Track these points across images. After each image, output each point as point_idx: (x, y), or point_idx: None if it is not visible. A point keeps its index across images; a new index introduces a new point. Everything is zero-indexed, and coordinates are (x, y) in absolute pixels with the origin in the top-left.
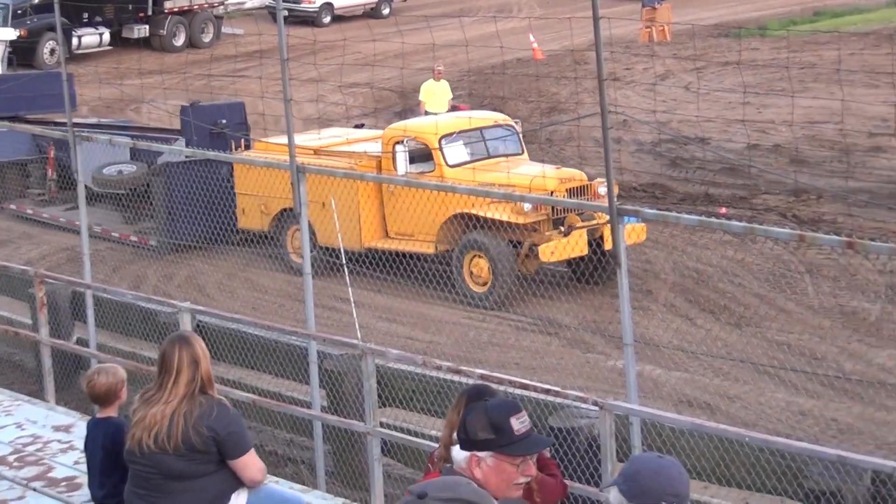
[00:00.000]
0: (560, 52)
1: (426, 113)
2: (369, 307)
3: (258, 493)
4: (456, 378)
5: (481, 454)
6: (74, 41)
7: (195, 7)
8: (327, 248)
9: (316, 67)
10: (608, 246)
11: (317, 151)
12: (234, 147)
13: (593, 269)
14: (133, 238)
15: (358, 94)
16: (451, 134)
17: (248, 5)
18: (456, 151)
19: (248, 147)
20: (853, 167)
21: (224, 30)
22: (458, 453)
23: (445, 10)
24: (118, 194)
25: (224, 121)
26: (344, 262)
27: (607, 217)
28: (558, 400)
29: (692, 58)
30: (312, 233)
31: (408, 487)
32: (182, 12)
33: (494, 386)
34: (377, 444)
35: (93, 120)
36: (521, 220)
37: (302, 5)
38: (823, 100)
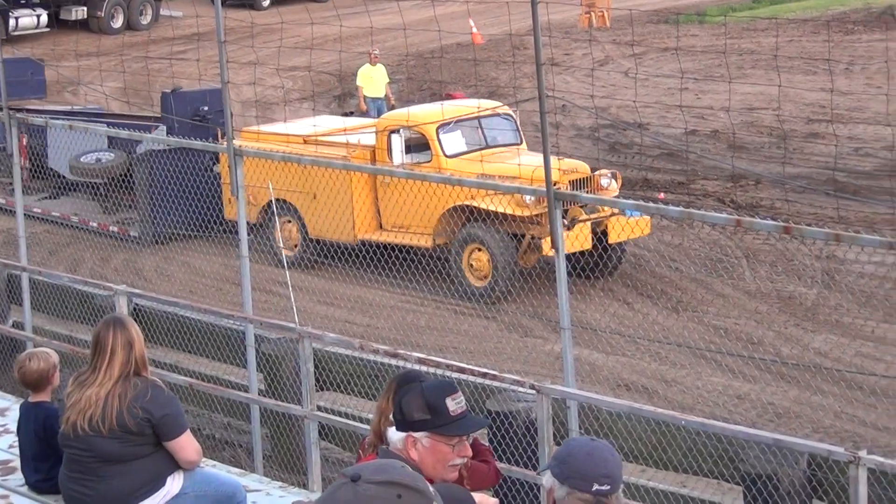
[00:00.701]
0: (500, 36)
1: (365, 98)
2: (307, 291)
3: (194, 477)
4: (393, 362)
5: (417, 435)
6: (11, 22)
7: None
8: (318, 241)
9: (254, 50)
10: (613, 238)
11: (307, 140)
12: (219, 135)
13: (595, 263)
14: (113, 228)
15: (297, 78)
16: (448, 123)
17: None
18: (453, 141)
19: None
20: (791, 153)
21: (162, 12)
22: (393, 434)
23: None
24: (95, 183)
25: (206, 108)
26: (282, 245)
27: (611, 210)
28: (496, 384)
29: (631, 43)
30: (303, 225)
31: (341, 470)
32: None
33: (432, 370)
34: (314, 428)
35: (65, 107)
36: (523, 213)
37: None
38: (762, 86)
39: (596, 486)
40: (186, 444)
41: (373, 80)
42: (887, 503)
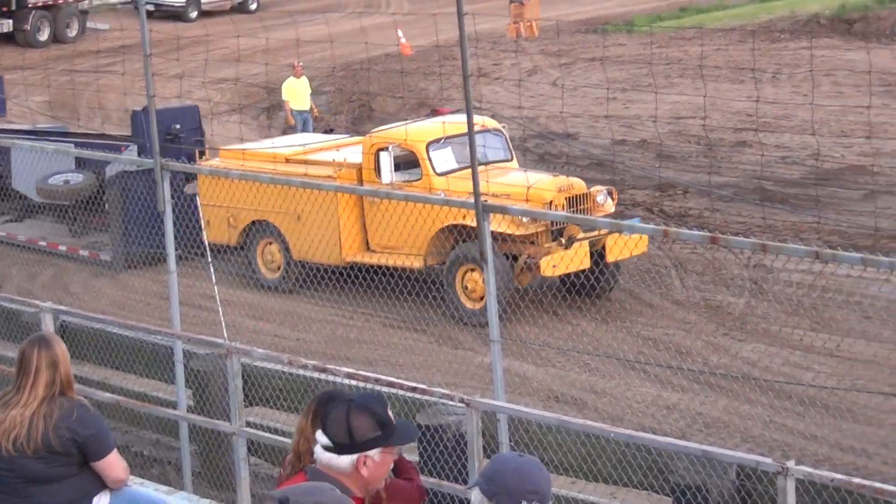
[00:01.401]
0: (428, 47)
1: (291, 111)
2: (237, 305)
3: (121, 496)
4: (322, 376)
5: (370, 453)
6: None
7: (60, 2)
8: (303, 263)
9: (181, 63)
10: (611, 258)
11: (289, 159)
12: (197, 155)
13: (593, 283)
14: (83, 252)
15: (225, 90)
16: (438, 140)
17: (113, 0)
18: (444, 158)
19: (202, 155)
20: (718, 162)
21: (89, 25)
22: (337, 460)
23: (312, 5)
24: (63, 206)
25: (178, 126)
26: (209, 259)
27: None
28: (425, 397)
29: (559, 53)
30: (286, 246)
31: (268, 493)
32: (46, 7)
33: (361, 384)
34: (243, 444)
35: (27, 126)
36: (519, 232)
37: (168, 0)
38: (689, 95)
39: (524, 503)
40: (113, 463)
41: (298, 93)
42: None
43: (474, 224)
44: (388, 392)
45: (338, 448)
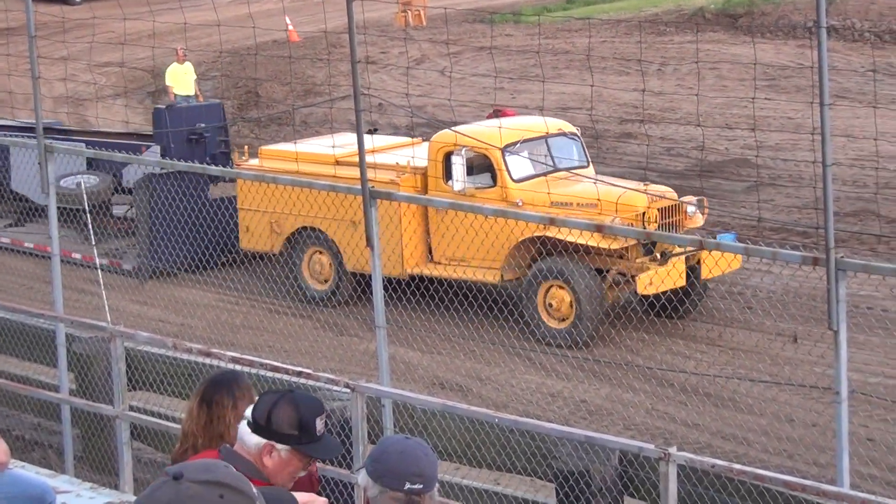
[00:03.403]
0: (316, 34)
1: (175, 96)
2: (121, 289)
3: (2, 478)
4: (207, 361)
5: (279, 446)
6: None
7: None
8: (355, 275)
9: (66, 46)
10: (706, 274)
11: (339, 161)
12: (237, 157)
13: (680, 301)
14: (101, 261)
15: (110, 74)
16: (515, 143)
17: None
18: (520, 164)
19: (226, 156)
20: (604, 153)
21: None
22: (249, 437)
23: None
24: (74, 210)
25: (202, 125)
26: (92, 242)
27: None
28: (310, 382)
29: (447, 42)
30: (338, 257)
31: (165, 468)
32: None
33: (246, 369)
34: (126, 428)
35: (15, 122)
36: (612, 246)
37: None
38: (576, 86)
39: (408, 485)
40: None
41: (181, 79)
42: (697, 499)
43: (559, 236)
44: (273, 377)
45: (254, 426)
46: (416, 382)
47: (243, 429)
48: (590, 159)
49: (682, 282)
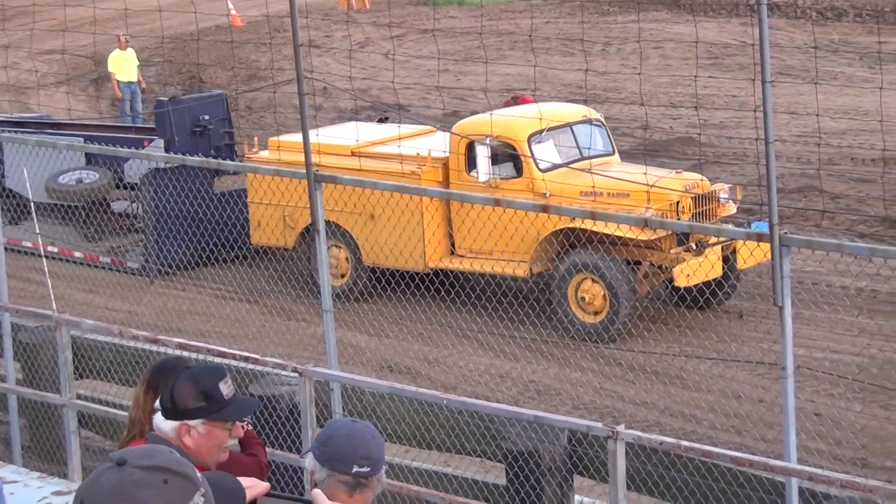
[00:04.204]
0: (259, 18)
1: (118, 83)
2: (66, 278)
3: None
4: (154, 348)
5: (192, 423)
6: None
7: None
8: (374, 269)
9: (6, 34)
10: (742, 264)
11: (354, 152)
12: (246, 148)
13: (712, 293)
14: (104, 259)
15: (52, 62)
16: (540, 131)
17: None
18: (546, 153)
19: (230, 148)
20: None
21: None
22: (163, 424)
23: None
24: (72, 207)
25: (206, 117)
26: (37, 229)
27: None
28: (258, 368)
29: (390, 25)
30: (354, 251)
31: (109, 455)
32: None
33: (193, 355)
34: (73, 417)
35: (6, 115)
36: (647, 237)
37: None
38: (520, 66)
39: (356, 468)
40: None
41: (124, 65)
42: (646, 476)
43: (592, 228)
44: (220, 362)
45: (165, 412)
46: (364, 366)
47: (158, 419)
48: (615, 147)
49: (718, 272)
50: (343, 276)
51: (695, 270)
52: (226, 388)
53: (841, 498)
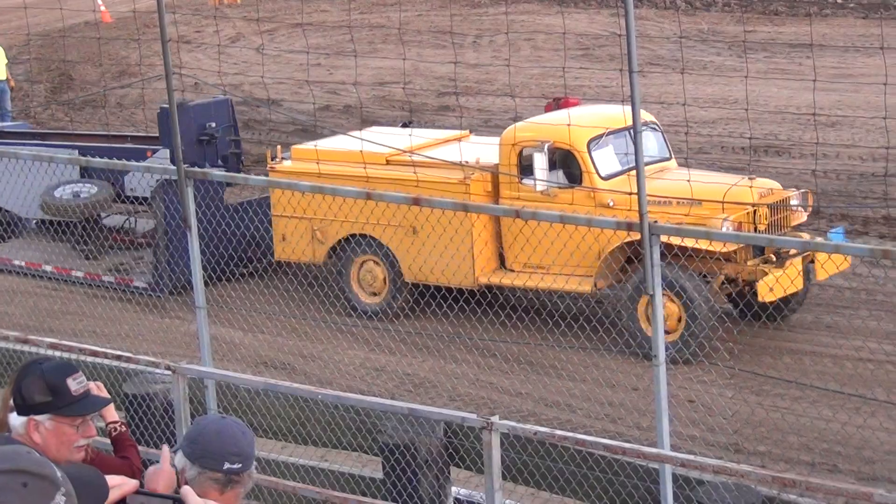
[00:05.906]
0: (128, 14)
1: None
2: None
3: None
4: (25, 348)
5: (39, 418)
6: None
7: None
8: (415, 286)
9: None
10: (822, 275)
11: (389, 161)
12: (268, 157)
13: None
14: (107, 278)
15: None
16: (599, 136)
17: None
18: (606, 159)
19: (237, 157)
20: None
21: None
22: (14, 420)
23: None
24: (67, 223)
25: (213, 124)
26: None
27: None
28: (131, 366)
29: (259, 20)
30: (395, 266)
31: None
32: None
33: (65, 354)
34: None
35: None
36: (726, 249)
37: None
38: (392, 60)
39: (227, 465)
40: None
41: None
42: (522, 466)
43: (666, 241)
44: (92, 361)
45: (16, 408)
46: (239, 362)
47: (11, 417)
48: (671, 151)
49: (799, 285)
50: (376, 293)
51: (778, 284)
52: (75, 384)
53: (714, 483)
